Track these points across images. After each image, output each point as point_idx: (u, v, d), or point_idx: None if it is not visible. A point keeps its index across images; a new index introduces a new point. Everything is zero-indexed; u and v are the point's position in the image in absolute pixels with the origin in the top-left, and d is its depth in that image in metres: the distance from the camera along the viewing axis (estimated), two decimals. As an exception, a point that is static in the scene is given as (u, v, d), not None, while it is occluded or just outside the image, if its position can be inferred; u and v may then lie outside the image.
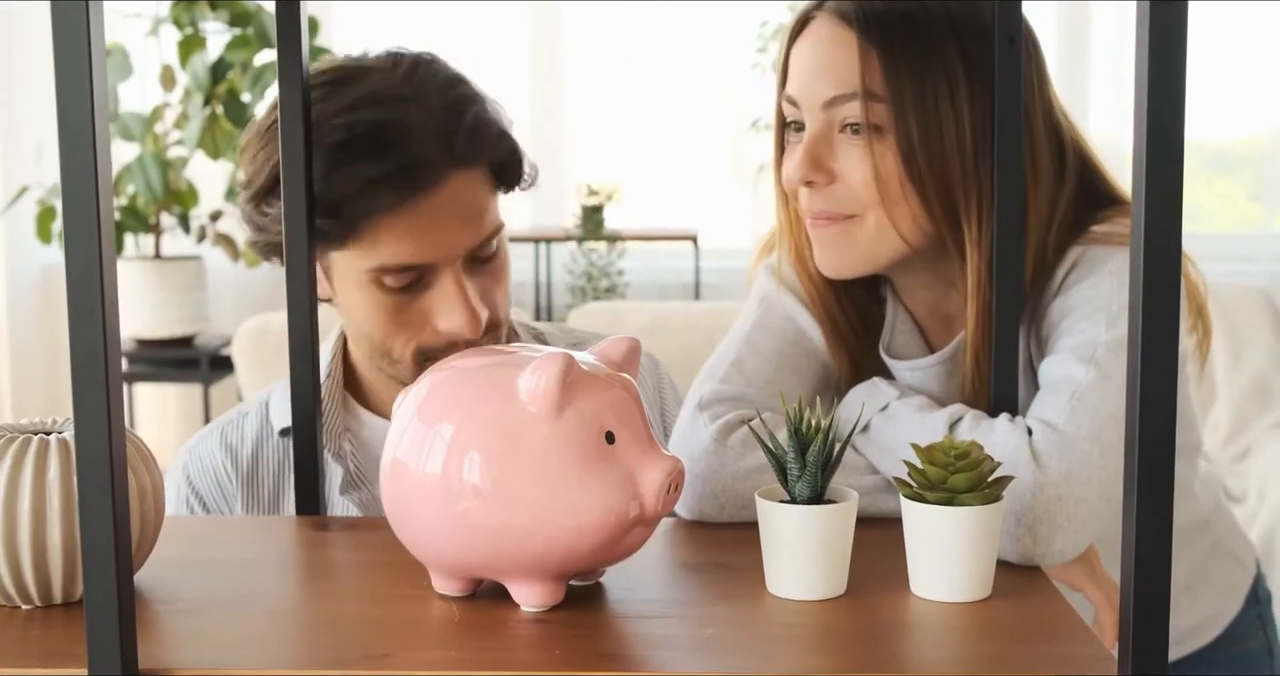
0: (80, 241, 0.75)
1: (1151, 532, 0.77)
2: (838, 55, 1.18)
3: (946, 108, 1.16)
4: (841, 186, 1.19)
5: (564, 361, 0.88)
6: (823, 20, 1.21)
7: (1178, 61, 0.74)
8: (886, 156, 1.17)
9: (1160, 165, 0.75)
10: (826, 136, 1.19)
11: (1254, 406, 3.04)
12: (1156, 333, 0.75)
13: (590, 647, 0.86)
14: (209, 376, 3.49)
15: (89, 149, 0.75)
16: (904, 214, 1.18)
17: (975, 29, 1.17)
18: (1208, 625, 1.40)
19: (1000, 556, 0.99)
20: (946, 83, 1.16)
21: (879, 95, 1.17)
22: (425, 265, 1.26)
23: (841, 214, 1.20)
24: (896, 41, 1.17)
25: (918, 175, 1.16)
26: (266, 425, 1.38)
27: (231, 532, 1.19)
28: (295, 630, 0.91)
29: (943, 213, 1.18)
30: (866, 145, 1.17)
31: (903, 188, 1.17)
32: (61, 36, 0.74)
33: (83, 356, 0.75)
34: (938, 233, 1.19)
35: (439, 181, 1.24)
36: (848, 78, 1.17)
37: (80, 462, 0.77)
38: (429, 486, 0.89)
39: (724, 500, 1.11)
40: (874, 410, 1.16)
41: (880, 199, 1.18)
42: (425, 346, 1.28)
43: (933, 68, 1.16)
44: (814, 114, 1.20)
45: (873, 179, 1.17)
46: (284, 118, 1.17)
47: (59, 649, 0.86)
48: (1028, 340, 1.22)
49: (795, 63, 1.23)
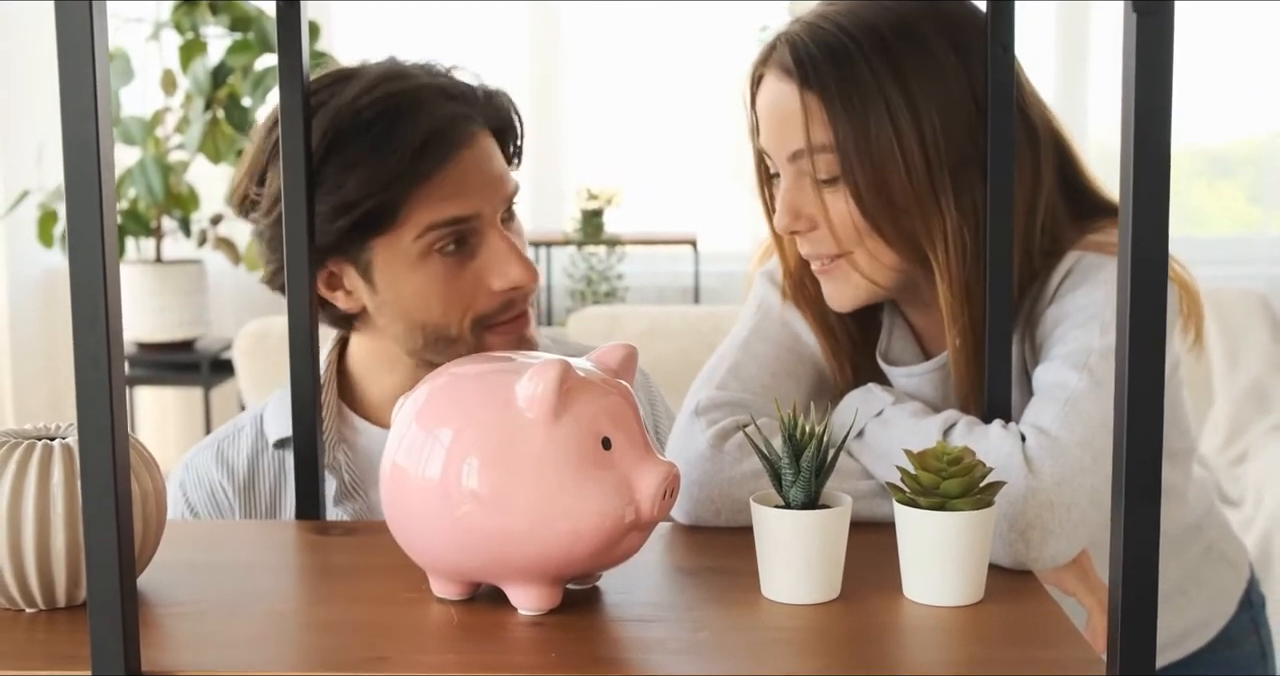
0: (84, 250, 0.76)
1: (1139, 537, 0.78)
2: (789, 110, 1.19)
3: (891, 146, 1.16)
4: (823, 231, 1.20)
5: (561, 368, 0.89)
6: (771, 74, 1.22)
7: (1163, 71, 0.75)
8: (840, 202, 1.18)
9: (1147, 175, 0.75)
10: (799, 186, 1.21)
11: (1251, 410, 3.05)
12: (1143, 340, 0.76)
13: (586, 651, 0.87)
14: (209, 380, 3.49)
15: (93, 157, 0.75)
16: (866, 256, 1.20)
17: (907, 42, 1.17)
18: (1200, 628, 1.41)
19: (993, 561, 1.00)
20: (887, 116, 1.16)
21: (825, 145, 1.18)
22: (471, 220, 1.30)
23: (830, 255, 1.21)
24: (832, 85, 1.17)
25: (871, 217, 1.17)
26: (261, 438, 1.39)
27: (233, 536, 1.20)
28: (295, 633, 0.92)
29: (905, 247, 1.19)
30: (823, 193, 1.19)
31: (859, 229, 1.18)
32: (66, 39, 0.75)
33: (87, 364, 0.76)
34: (905, 268, 1.20)
35: (472, 137, 1.30)
36: (799, 132, 1.19)
37: (84, 469, 0.78)
38: (428, 491, 0.90)
39: (720, 505, 1.12)
40: (869, 416, 1.16)
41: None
42: (482, 313, 1.32)
43: (870, 103, 1.16)
44: (784, 166, 1.22)
45: (837, 221, 1.19)
46: (284, 121, 1.17)
47: (62, 652, 0.87)
48: (1021, 346, 1.23)
49: (760, 117, 1.24)
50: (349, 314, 1.35)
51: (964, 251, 1.17)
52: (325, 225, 1.26)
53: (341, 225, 1.27)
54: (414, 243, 1.28)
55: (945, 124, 1.16)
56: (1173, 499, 1.33)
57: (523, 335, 1.35)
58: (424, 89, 1.30)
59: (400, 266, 1.30)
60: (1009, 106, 1.13)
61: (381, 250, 1.29)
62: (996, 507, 0.97)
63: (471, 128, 1.31)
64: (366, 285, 1.32)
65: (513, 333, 1.35)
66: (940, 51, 1.17)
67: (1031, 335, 1.22)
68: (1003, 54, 1.13)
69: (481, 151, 1.32)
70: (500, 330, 1.34)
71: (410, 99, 1.29)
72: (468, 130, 1.30)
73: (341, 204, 1.26)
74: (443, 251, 1.29)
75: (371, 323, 1.35)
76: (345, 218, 1.26)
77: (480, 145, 1.32)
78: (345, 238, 1.28)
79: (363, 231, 1.28)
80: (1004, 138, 1.14)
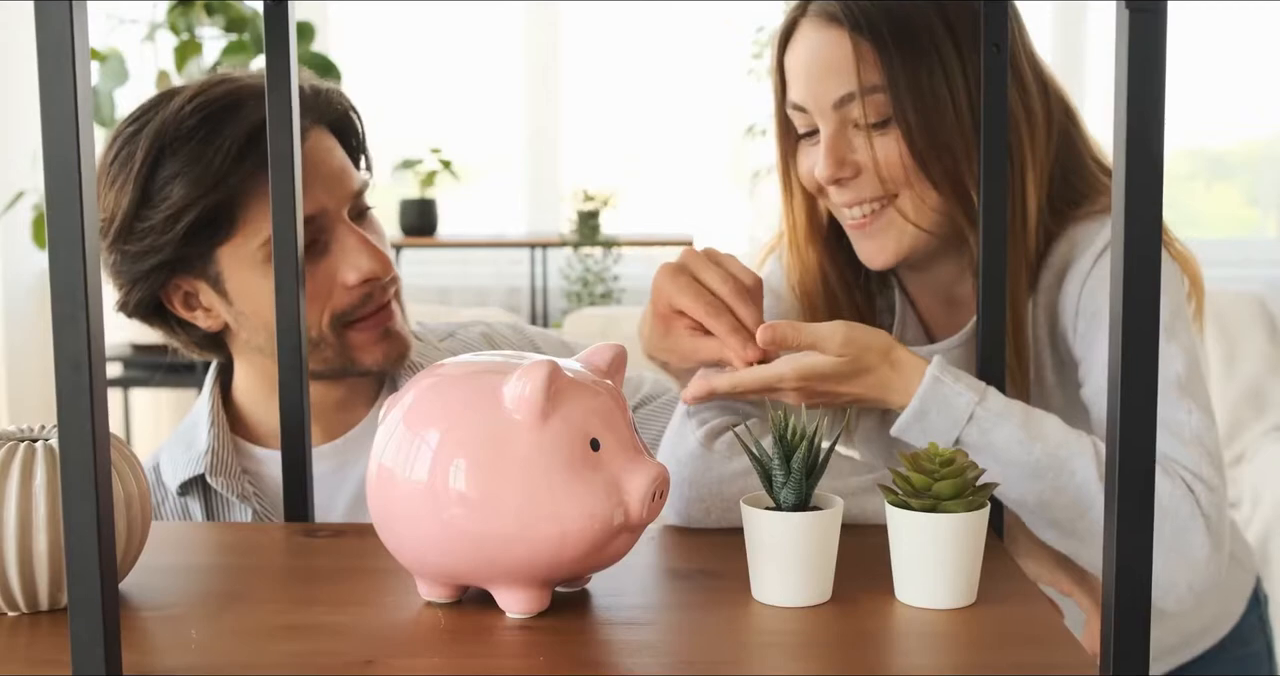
0: (64, 250, 0.75)
1: (1132, 539, 0.77)
2: (835, 56, 1.21)
3: (942, 89, 1.19)
4: (868, 175, 1.23)
5: (549, 369, 0.88)
6: (811, 24, 1.24)
7: (1157, 69, 0.74)
8: (890, 144, 1.20)
9: (1140, 174, 0.75)
10: (843, 133, 1.23)
11: (1248, 412, 3.04)
12: (1136, 344, 0.76)
13: (575, 654, 0.86)
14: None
15: (72, 153, 0.75)
16: (914, 198, 1.21)
17: (961, 8, 1.20)
18: (1213, 627, 1.42)
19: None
20: (940, 64, 1.19)
21: (877, 86, 1.20)
22: (316, 218, 1.28)
23: (875, 198, 1.23)
24: (885, 33, 1.20)
25: (920, 157, 1.19)
26: (161, 488, 1.38)
27: (219, 539, 1.19)
28: (280, 636, 0.91)
29: (951, 189, 1.21)
30: (872, 135, 1.21)
31: (908, 172, 1.20)
32: (46, 38, 0.74)
33: (67, 366, 0.75)
34: (949, 210, 1.21)
35: (303, 132, 1.27)
36: (850, 76, 1.20)
37: (65, 471, 0.77)
38: (414, 493, 0.89)
39: (711, 504, 1.11)
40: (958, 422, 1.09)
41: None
42: (339, 310, 1.31)
43: (924, 52, 1.19)
44: (826, 115, 1.23)
45: (885, 163, 1.21)
46: (272, 122, 1.17)
47: (43, 656, 0.86)
48: (1035, 312, 1.23)
49: (793, 69, 1.25)
50: (213, 334, 1.35)
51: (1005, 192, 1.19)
52: (159, 239, 1.25)
53: (177, 234, 1.25)
54: (260, 248, 1.27)
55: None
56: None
57: (388, 329, 1.35)
58: (244, 89, 1.28)
59: (249, 273, 1.29)
60: (1003, 105, 1.13)
61: (228, 259, 1.29)
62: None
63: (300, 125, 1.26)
64: (221, 299, 1.31)
65: (376, 327, 1.34)
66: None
67: (1051, 305, 1.23)
68: (995, 53, 1.12)
69: (315, 146, 1.30)
70: (361, 326, 1.33)
71: (231, 101, 1.27)
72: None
73: (172, 213, 1.25)
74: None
75: (236, 338, 1.35)
76: (179, 225, 1.25)
77: (312, 140, 1.30)
78: (187, 248, 1.27)
79: (204, 241, 1.27)
80: (997, 134, 1.13)
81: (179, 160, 1.25)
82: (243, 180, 1.25)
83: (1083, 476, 1.06)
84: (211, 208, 1.25)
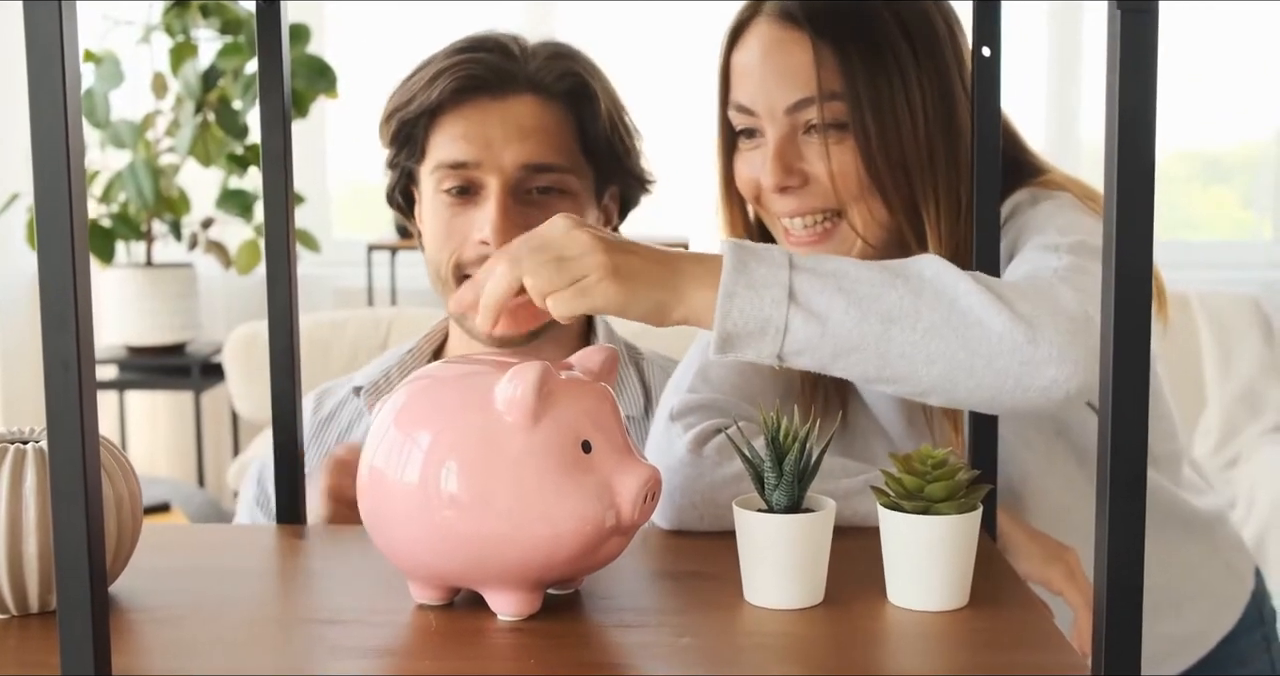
0: (53, 249, 0.75)
1: (1124, 538, 0.77)
2: (791, 58, 1.17)
3: (900, 100, 1.16)
4: (815, 185, 1.19)
5: (540, 371, 0.88)
6: (765, 23, 1.20)
7: (1148, 69, 0.74)
8: (847, 155, 1.17)
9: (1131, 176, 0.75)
10: (791, 140, 1.19)
11: (1243, 414, 3.04)
12: (1128, 347, 0.75)
13: (567, 656, 0.86)
14: (200, 384, 3.48)
15: (61, 154, 0.75)
16: (863, 213, 1.19)
17: (919, 18, 1.18)
18: (1198, 638, 1.36)
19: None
20: (899, 75, 1.17)
21: (837, 94, 1.17)
22: (471, 166, 1.36)
23: (823, 209, 1.20)
24: (847, 38, 1.16)
25: (875, 171, 1.17)
26: (349, 388, 1.49)
27: (210, 540, 1.19)
28: (271, 638, 0.91)
29: (901, 204, 1.18)
30: (829, 144, 1.18)
31: (861, 185, 1.17)
32: (34, 38, 0.74)
33: (56, 367, 0.75)
34: (897, 225, 1.19)
35: (504, 91, 1.38)
36: (807, 81, 1.17)
37: (54, 473, 0.76)
38: (406, 495, 0.89)
39: (703, 510, 1.11)
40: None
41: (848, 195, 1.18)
42: (463, 261, 1.38)
43: (884, 62, 1.16)
44: (775, 120, 1.19)
45: (839, 174, 1.18)
46: (264, 123, 1.16)
47: (33, 658, 0.86)
48: None
49: (740, 69, 1.21)
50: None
51: (956, 210, 1.17)
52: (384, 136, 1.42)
53: (389, 131, 1.41)
54: (429, 176, 1.39)
55: (941, 84, 1.18)
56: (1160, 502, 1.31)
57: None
58: (493, 41, 1.43)
59: (427, 200, 1.41)
60: (995, 108, 1.12)
61: (421, 180, 1.42)
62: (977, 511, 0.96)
63: (510, 82, 1.38)
64: (418, 216, 1.45)
65: None
66: (934, 16, 1.20)
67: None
68: (986, 56, 1.12)
69: (512, 106, 1.37)
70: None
71: (480, 40, 1.43)
72: (504, 83, 1.38)
73: (390, 110, 1.41)
74: (448, 192, 1.37)
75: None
76: (388, 125, 1.41)
77: (512, 100, 1.37)
78: (401, 156, 1.41)
79: (409, 155, 1.41)
80: (989, 138, 1.12)
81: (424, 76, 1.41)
82: (428, 106, 1.37)
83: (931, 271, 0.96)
84: (405, 122, 1.39)
